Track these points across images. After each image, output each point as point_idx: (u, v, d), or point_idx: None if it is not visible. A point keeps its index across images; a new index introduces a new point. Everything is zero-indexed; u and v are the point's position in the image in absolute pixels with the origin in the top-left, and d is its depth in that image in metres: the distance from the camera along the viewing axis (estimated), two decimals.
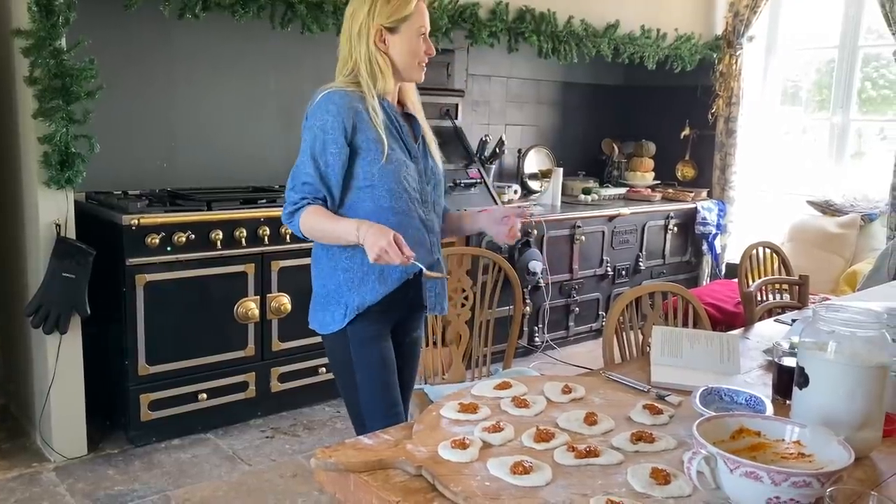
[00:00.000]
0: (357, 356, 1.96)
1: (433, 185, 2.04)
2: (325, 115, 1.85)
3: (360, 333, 1.95)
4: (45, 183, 2.83)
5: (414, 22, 1.91)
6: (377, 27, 1.89)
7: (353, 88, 1.90)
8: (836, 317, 1.46)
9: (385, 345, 1.99)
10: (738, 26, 5.13)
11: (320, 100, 1.88)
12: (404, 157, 1.94)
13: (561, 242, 4.48)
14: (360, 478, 1.31)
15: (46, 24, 2.71)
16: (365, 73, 1.90)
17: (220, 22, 3.33)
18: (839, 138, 5.05)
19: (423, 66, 1.98)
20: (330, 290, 1.96)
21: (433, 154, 2.05)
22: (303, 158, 1.88)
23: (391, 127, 1.94)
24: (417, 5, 1.92)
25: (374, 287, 1.92)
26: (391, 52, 1.92)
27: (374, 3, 1.89)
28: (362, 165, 1.88)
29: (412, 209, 1.94)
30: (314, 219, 1.87)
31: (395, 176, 1.90)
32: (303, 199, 1.87)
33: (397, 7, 1.89)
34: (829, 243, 4.75)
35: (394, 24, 1.89)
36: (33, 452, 3.08)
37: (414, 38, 1.92)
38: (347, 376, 1.98)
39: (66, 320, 2.89)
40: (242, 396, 3.37)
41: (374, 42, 1.89)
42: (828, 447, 1.26)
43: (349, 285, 1.93)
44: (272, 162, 3.82)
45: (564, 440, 1.42)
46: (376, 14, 1.89)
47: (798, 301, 3.06)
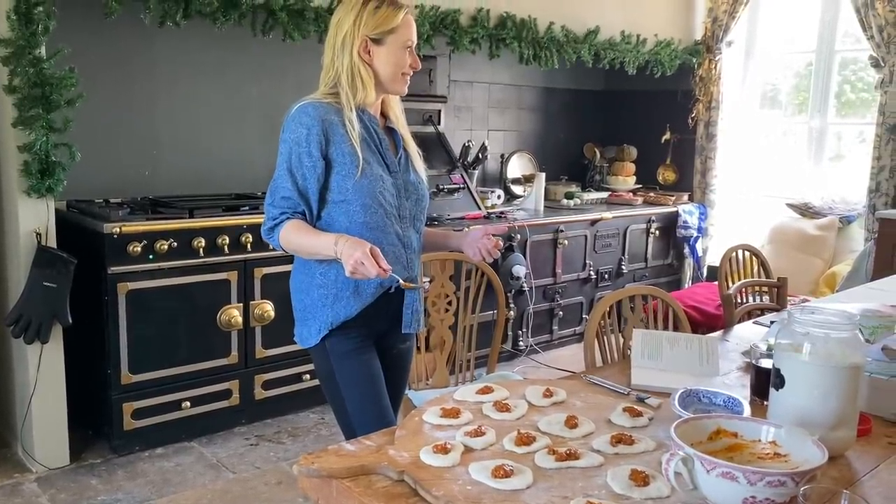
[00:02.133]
0: (339, 370, 1.94)
1: (414, 201, 2.01)
2: (298, 128, 1.84)
3: (339, 347, 1.94)
4: (25, 192, 2.82)
5: (400, 35, 1.89)
6: (362, 38, 1.86)
7: (330, 100, 1.88)
8: (810, 318, 1.49)
9: (366, 357, 1.96)
10: (717, 31, 5.19)
11: (294, 112, 1.87)
12: (381, 171, 1.91)
13: (544, 247, 4.50)
14: (343, 484, 1.32)
15: (26, 33, 2.70)
16: (346, 83, 1.88)
17: (201, 29, 3.33)
18: (818, 141, 5.11)
19: (407, 80, 1.96)
20: (307, 305, 1.95)
21: (416, 168, 2.02)
22: (280, 172, 1.87)
23: (369, 140, 1.92)
24: (405, 18, 1.90)
25: (348, 302, 1.90)
26: (375, 64, 1.90)
27: (360, 13, 1.86)
28: (336, 180, 1.86)
29: (388, 225, 1.92)
30: (294, 233, 1.85)
31: (369, 191, 1.87)
32: (282, 214, 1.86)
33: (384, 18, 1.87)
34: (809, 245, 4.81)
35: (380, 35, 1.87)
36: (14, 463, 3.06)
37: (399, 50, 1.89)
38: (333, 389, 1.97)
39: (48, 329, 2.87)
40: (226, 404, 3.36)
41: (358, 53, 1.87)
42: (803, 447, 1.28)
43: (324, 301, 1.91)
44: (255, 169, 3.82)
45: (545, 443, 1.44)
46: (362, 24, 1.86)
47: (777, 303, 3.10)
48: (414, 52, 1.94)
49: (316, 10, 3.46)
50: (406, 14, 1.90)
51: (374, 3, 1.87)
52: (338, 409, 1.99)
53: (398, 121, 2.02)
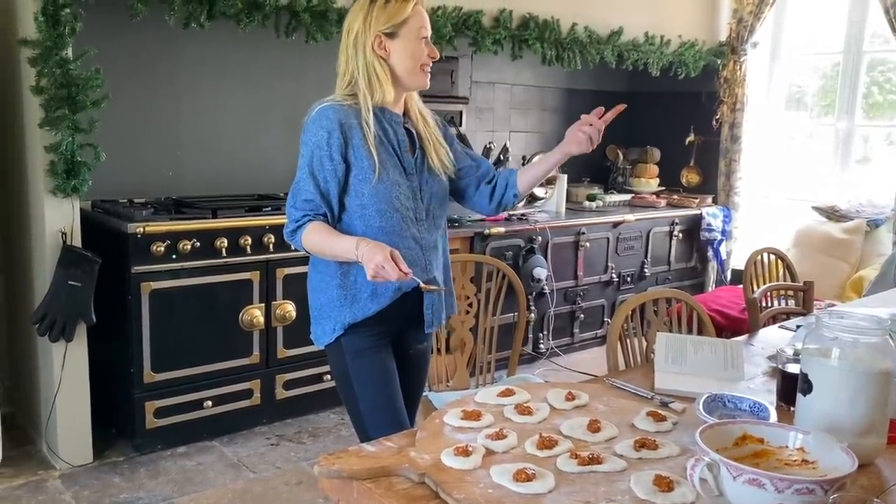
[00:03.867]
0: (354, 368, 1.94)
1: (430, 200, 1.98)
2: (319, 131, 1.84)
3: (354, 345, 1.93)
4: (51, 191, 2.85)
5: (413, 24, 1.87)
6: (375, 34, 1.85)
7: (350, 102, 1.88)
8: (839, 323, 1.46)
9: (382, 356, 1.96)
10: (742, 32, 5.13)
11: (314, 115, 1.87)
12: (397, 175, 1.90)
13: (565, 249, 4.47)
14: (364, 485, 1.31)
15: (53, 34, 2.73)
16: (363, 84, 1.87)
17: (225, 31, 3.35)
18: (844, 144, 5.04)
19: (427, 71, 1.93)
20: (322, 304, 1.95)
21: (434, 165, 1.99)
22: (302, 175, 1.87)
23: (387, 142, 1.90)
24: (415, 7, 1.87)
25: (365, 304, 1.90)
26: (392, 60, 1.88)
27: (369, 11, 1.85)
28: (354, 183, 1.87)
29: (404, 228, 1.91)
30: (316, 235, 1.86)
31: (385, 196, 1.87)
32: (304, 216, 1.87)
33: (395, 11, 1.85)
34: (835, 249, 4.74)
35: (392, 28, 1.85)
36: (39, 460, 3.09)
37: (414, 41, 1.88)
38: (347, 388, 1.97)
39: (72, 328, 2.90)
40: (247, 404, 3.37)
41: (372, 49, 1.86)
42: (831, 454, 1.25)
43: (341, 301, 1.91)
44: (277, 170, 3.83)
45: (567, 447, 1.42)
46: (373, 21, 1.85)
47: (803, 307, 3.05)
48: (430, 42, 1.91)
49: (339, 12, 3.46)
50: (416, 3, 1.88)
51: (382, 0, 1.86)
52: (351, 409, 1.99)
53: (417, 118, 2.00)
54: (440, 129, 2.05)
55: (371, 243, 1.77)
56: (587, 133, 1.96)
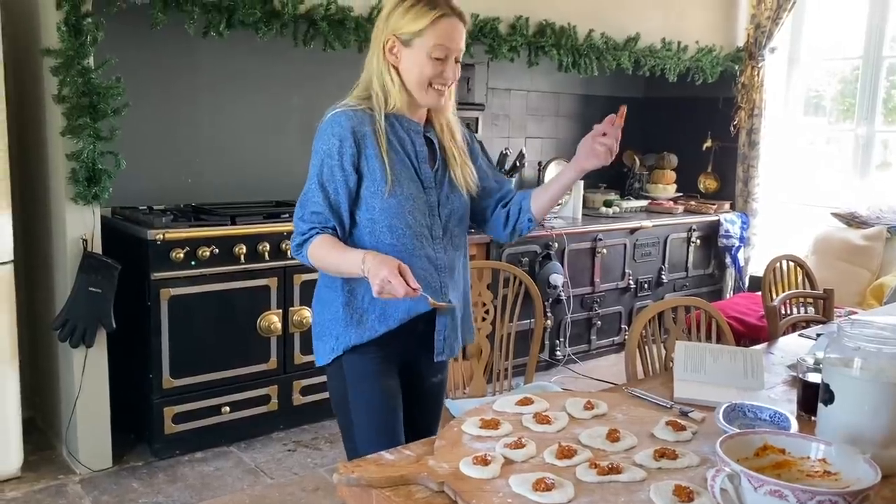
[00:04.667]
0: (353, 392, 1.81)
1: (448, 217, 1.85)
2: (330, 139, 1.73)
3: (356, 367, 1.81)
4: (72, 199, 2.89)
5: (427, 39, 1.72)
6: (390, 36, 1.73)
7: (364, 106, 1.76)
8: (861, 333, 1.45)
9: (387, 383, 1.82)
10: (759, 38, 5.10)
11: (327, 121, 1.75)
12: (412, 188, 1.77)
13: (582, 255, 4.46)
14: (383, 493, 1.31)
15: (75, 44, 2.77)
16: (377, 86, 1.76)
17: (244, 40, 3.37)
18: (864, 149, 5.00)
19: (438, 92, 1.77)
20: (326, 321, 1.84)
21: (457, 180, 1.85)
22: (311, 185, 1.76)
23: (402, 151, 1.78)
24: (436, 22, 1.71)
25: (373, 325, 1.78)
26: (401, 67, 1.75)
27: (394, 10, 1.74)
28: (365, 196, 1.75)
29: (416, 247, 1.78)
30: (323, 249, 1.74)
31: (396, 212, 1.75)
32: (311, 229, 1.75)
33: (413, 19, 1.72)
34: (855, 256, 4.69)
35: (407, 36, 1.72)
36: (60, 464, 3.12)
37: (423, 57, 1.72)
38: (343, 412, 1.85)
39: (93, 334, 2.93)
40: (265, 409, 3.38)
41: (383, 51, 1.75)
42: (854, 465, 1.24)
43: (346, 321, 1.80)
44: (295, 177, 3.81)
45: (587, 457, 1.42)
46: (392, 22, 1.74)
47: (823, 315, 3.03)
48: (449, 63, 1.75)
49: (356, 20, 3.49)
50: (439, 17, 1.72)
51: (409, 1, 1.73)
52: (345, 434, 1.87)
53: (443, 129, 1.86)
54: (467, 145, 1.93)
55: (378, 256, 1.65)
56: (606, 145, 1.79)
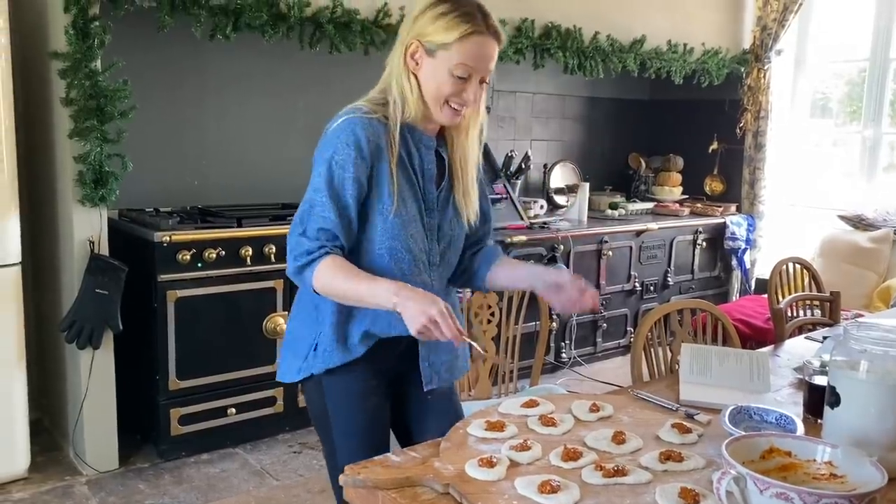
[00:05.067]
0: (335, 413, 1.66)
1: (446, 244, 1.71)
2: (344, 148, 1.55)
3: (339, 387, 1.65)
4: (79, 201, 2.90)
5: (452, 55, 1.54)
6: (414, 40, 1.57)
7: (379, 113, 1.59)
8: (867, 335, 1.44)
9: (373, 403, 1.67)
10: (766, 40, 5.09)
11: (339, 127, 1.57)
12: (415, 209, 1.63)
13: (588, 258, 4.46)
14: (389, 495, 1.32)
15: (82, 47, 2.78)
16: (396, 92, 1.60)
17: (250, 42, 3.39)
18: (871, 151, 4.98)
19: (453, 111, 1.60)
20: (305, 335, 1.67)
21: (459, 206, 1.71)
22: (319, 197, 1.56)
23: (409, 168, 1.62)
24: (466, 38, 1.53)
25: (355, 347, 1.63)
26: (420, 75, 1.59)
27: (424, 12, 1.57)
28: (368, 214, 1.60)
29: (415, 273, 1.63)
30: (336, 274, 1.52)
31: (398, 233, 1.59)
32: (320, 249, 1.54)
33: (442, 28, 1.54)
34: (862, 258, 4.68)
35: (432, 45, 1.55)
36: (66, 465, 3.13)
37: (444, 72, 1.56)
38: (325, 432, 1.69)
39: (99, 336, 2.94)
40: (271, 411, 3.39)
41: (404, 54, 1.58)
42: (860, 468, 1.24)
43: (333, 342, 1.62)
44: (301, 179, 3.79)
45: (592, 459, 1.42)
46: (419, 25, 1.57)
47: (829, 317, 3.02)
48: (472, 84, 1.58)
49: (362, 23, 3.49)
50: (471, 34, 1.54)
51: (445, 7, 1.55)
52: (328, 455, 1.72)
53: (456, 148, 1.69)
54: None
55: (416, 291, 1.48)
56: (582, 307, 1.64)
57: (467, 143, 1.69)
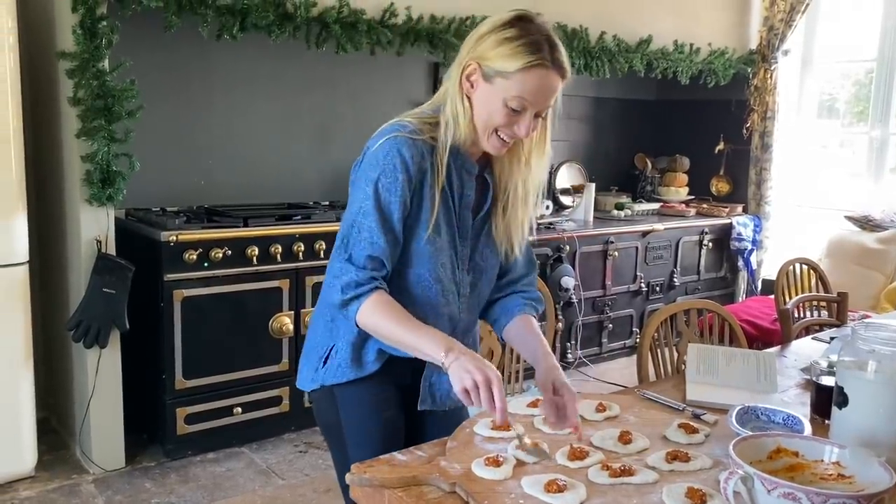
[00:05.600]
0: (349, 423, 1.62)
1: (477, 276, 1.64)
2: (391, 171, 1.46)
3: (353, 398, 1.60)
4: (87, 200, 2.91)
5: (510, 86, 1.45)
6: (472, 61, 1.47)
7: (427, 134, 1.50)
8: (876, 335, 1.44)
9: (389, 415, 1.62)
10: (772, 40, 5.08)
11: (387, 147, 1.48)
12: (448, 236, 1.55)
13: (594, 258, 4.46)
14: (395, 493, 1.32)
15: (90, 47, 2.79)
16: (449, 113, 1.50)
17: (257, 42, 3.39)
18: (878, 152, 4.97)
19: (501, 142, 1.51)
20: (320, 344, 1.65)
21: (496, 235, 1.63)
22: (368, 222, 1.47)
23: (449, 194, 1.54)
24: (528, 70, 1.44)
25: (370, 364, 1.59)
26: (473, 98, 1.49)
27: (488, 34, 1.47)
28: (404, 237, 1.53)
29: (442, 304, 1.57)
30: (383, 316, 1.47)
31: (431, 261, 1.53)
32: (371, 281, 1.47)
33: (504, 55, 1.44)
34: (869, 259, 4.66)
35: (490, 70, 1.46)
36: (73, 464, 3.14)
37: (498, 101, 1.46)
38: (338, 443, 1.65)
39: (106, 335, 2.95)
40: (276, 411, 3.40)
41: (460, 75, 1.49)
42: (868, 468, 1.24)
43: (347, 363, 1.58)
44: (307, 179, 3.87)
45: (599, 459, 1.42)
46: (482, 44, 1.47)
47: (836, 318, 3.01)
48: (525, 117, 1.48)
49: (368, 23, 3.49)
50: (534, 66, 1.44)
51: (511, 32, 1.45)
52: (340, 467, 1.66)
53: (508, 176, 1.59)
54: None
55: (468, 353, 1.41)
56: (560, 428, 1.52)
57: (520, 171, 1.59)
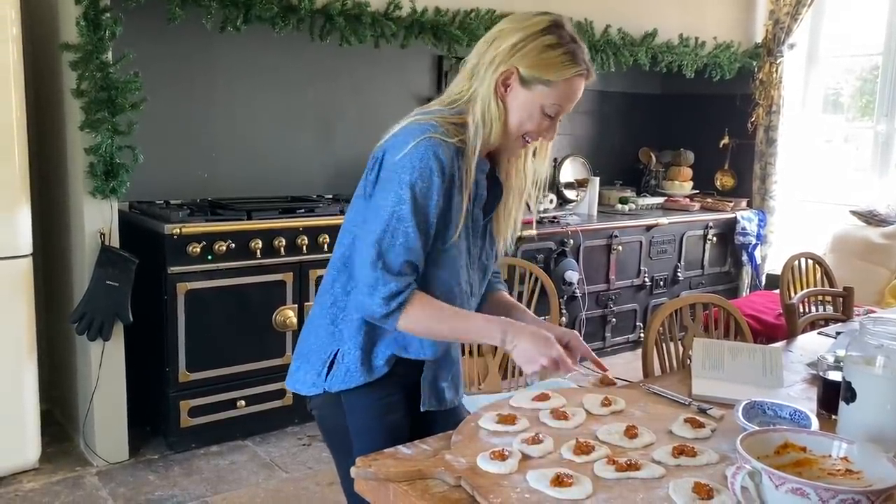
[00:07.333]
0: (357, 429, 1.59)
1: (485, 272, 1.67)
2: (428, 175, 1.44)
3: (361, 403, 1.57)
4: (90, 193, 2.90)
5: (551, 93, 1.49)
6: (512, 66, 1.48)
7: (456, 138, 1.48)
8: (884, 330, 1.44)
9: (394, 419, 1.60)
10: (778, 34, 5.05)
11: (422, 147, 1.44)
12: (465, 238, 1.55)
13: (598, 252, 4.45)
14: (400, 487, 1.31)
15: (94, 38, 2.78)
16: (479, 114, 1.49)
17: (261, 34, 3.38)
18: (884, 146, 4.95)
19: (526, 143, 1.56)
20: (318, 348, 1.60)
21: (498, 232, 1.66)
22: (402, 226, 1.44)
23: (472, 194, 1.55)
24: (570, 81, 1.49)
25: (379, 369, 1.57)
26: (507, 102, 1.50)
27: (528, 39, 1.47)
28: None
29: (456, 305, 1.56)
30: (429, 316, 1.47)
31: (451, 264, 1.53)
32: (409, 287, 1.45)
33: (548, 64, 1.47)
34: (874, 254, 4.65)
35: (529, 76, 1.48)
36: (77, 456, 3.15)
37: (536, 108, 1.50)
38: (342, 447, 1.61)
39: (110, 327, 2.95)
40: (280, 404, 3.39)
41: (496, 79, 1.48)
42: (877, 464, 1.23)
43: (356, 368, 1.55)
44: (310, 172, 3.86)
45: (604, 453, 1.41)
46: (522, 52, 1.47)
47: (842, 313, 3.00)
48: (555, 123, 1.54)
49: (372, 15, 3.48)
50: (576, 79, 1.50)
51: (551, 39, 1.48)
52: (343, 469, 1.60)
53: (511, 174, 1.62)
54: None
55: (526, 330, 1.47)
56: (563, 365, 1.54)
57: (524, 168, 1.63)
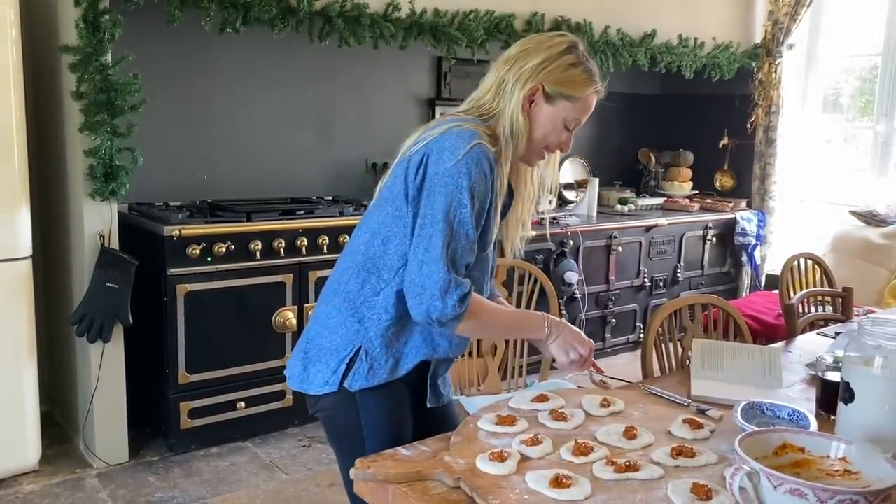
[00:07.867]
0: (369, 427, 1.61)
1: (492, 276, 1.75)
2: (482, 180, 1.50)
3: (376, 403, 1.59)
4: (90, 195, 2.90)
5: (573, 108, 1.60)
6: (538, 83, 1.57)
7: (494, 147, 1.55)
8: (882, 331, 1.43)
9: (402, 415, 1.65)
10: (777, 34, 5.06)
11: (476, 153, 1.50)
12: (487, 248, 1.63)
13: (597, 253, 4.45)
14: (399, 489, 1.31)
15: (93, 41, 2.78)
16: (507, 126, 1.58)
17: (260, 36, 3.38)
18: (883, 146, 4.95)
19: (544, 157, 1.68)
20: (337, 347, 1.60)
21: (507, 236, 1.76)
22: (463, 230, 1.49)
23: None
24: (589, 97, 1.62)
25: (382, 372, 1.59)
26: (533, 116, 1.60)
27: (553, 58, 1.58)
28: None
29: None
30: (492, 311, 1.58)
31: (482, 267, 1.62)
32: (471, 287, 1.52)
33: (572, 82, 1.59)
34: (873, 254, 4.65)
35: (556, 93, 1.58)
36: (77, 458, 3.15)
37: (559, 121, 1.61)
38: (352, 446, 1.61)
39: (110, 329, 2.95)
40: (280, 405, 3.40)
41: (524, 95, 1.57)
42: (875, 464, 1.23)
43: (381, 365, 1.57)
44: (310, 174, 3.86)
45: (603, 454, 1.41)
46: (547, 70, 1.57)
47: (841, 314, 3.00)
48: (572, 135, 1.66)
49: (371, 17, 3.48)
50: (594, 95, 1.63)
51: (572, 58, 1.59)
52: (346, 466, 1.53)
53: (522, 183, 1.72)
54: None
55: (566, 324, 1.63)
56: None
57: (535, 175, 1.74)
